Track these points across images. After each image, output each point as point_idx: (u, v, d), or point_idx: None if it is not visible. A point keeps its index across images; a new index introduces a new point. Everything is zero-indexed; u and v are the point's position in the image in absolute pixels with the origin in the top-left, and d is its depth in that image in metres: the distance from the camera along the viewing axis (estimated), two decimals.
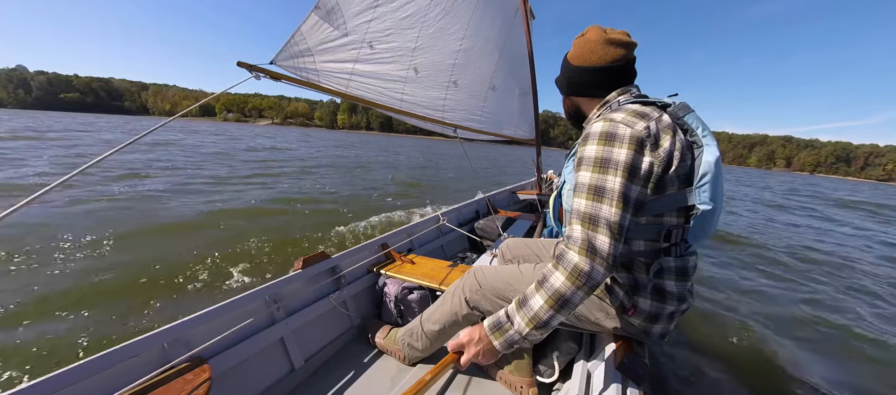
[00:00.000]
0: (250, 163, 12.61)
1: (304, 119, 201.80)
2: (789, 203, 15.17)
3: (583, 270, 0.80)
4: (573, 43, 1.09)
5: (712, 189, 0.87)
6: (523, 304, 0.88)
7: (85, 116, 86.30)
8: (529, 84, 3.97)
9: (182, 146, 16.66)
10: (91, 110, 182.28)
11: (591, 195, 0.84)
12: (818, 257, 5.73)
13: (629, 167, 0.83)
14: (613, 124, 0.87)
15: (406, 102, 2.48)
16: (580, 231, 0.84)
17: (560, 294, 0.82)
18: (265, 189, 7.60)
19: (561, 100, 1.21)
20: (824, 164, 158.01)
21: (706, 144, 0.88)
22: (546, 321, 0.84)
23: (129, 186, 6.76)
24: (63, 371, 0.96)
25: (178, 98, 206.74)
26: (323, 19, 1.77)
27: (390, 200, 7.40)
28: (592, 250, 0.81)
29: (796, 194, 21.61)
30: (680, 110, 0.92)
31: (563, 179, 1.13)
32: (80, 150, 12.80)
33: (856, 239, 7.85)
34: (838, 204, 16.94)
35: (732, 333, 2.89)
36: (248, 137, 32.59)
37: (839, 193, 27.63)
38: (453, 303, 1.34)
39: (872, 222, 11.41)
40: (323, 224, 5.01)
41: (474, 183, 10.85)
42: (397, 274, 1.94)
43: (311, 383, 1.50)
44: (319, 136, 59.38)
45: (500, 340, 0.89)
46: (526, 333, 0.86)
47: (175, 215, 5.06)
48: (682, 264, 0.97)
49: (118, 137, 20.68)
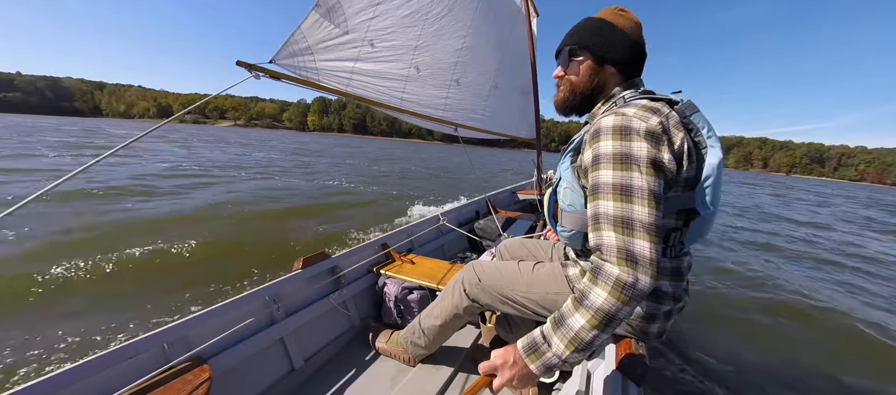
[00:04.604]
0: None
1: (272, 121, 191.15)
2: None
3: (627, 282, 0.72)
4: (604, 10, 1.01)
5: (714, 193, 0.85)
6: (560, 324, 0.78)
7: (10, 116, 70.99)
8: (531, 83, 3.95)
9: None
10: (35, 112, 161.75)
11: (619, 195, 0.77)
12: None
13: (652, 162, 0.77)
14: (626, 118, 0.80)
15: (407, 101, 2.47)
16: (614, 238, 0.75)
17: (604, 312, 0.73)
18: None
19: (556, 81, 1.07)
20: (799, 165, 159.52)
21: (710, 146, 0.84)
22: (589, 342, 0.74)
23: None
24: (63, 371, 0.96)
25: (135, 98, 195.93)
26: (323, 17, 1.76)
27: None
28: (632, 259, 0.73)
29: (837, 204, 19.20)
30: (687, 109, 0.87)
31: (558, 175, 1.07)
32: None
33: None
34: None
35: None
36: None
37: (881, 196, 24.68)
38: (454, 297, 1.34)
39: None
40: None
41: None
42: (397, 274, 1.94)
43: (311, 383, 1.50)
44: (263, 139, 44.54)
45: (537, 363, 0.79)
46: (566, 356, 0.76)
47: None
48: (676, 265, 0.97)
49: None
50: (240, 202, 6.44)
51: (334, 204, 7.06)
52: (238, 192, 7.56)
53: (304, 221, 5.58)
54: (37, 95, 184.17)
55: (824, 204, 18.59)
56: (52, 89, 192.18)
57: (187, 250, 3.86)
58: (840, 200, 23.55)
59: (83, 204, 5.57)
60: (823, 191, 29.45)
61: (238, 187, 8.11)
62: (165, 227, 4.70)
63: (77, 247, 3.76)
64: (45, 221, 4.52)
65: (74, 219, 4.74)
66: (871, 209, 17.54)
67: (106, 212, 5.23)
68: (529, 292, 1.16)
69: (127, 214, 5.27)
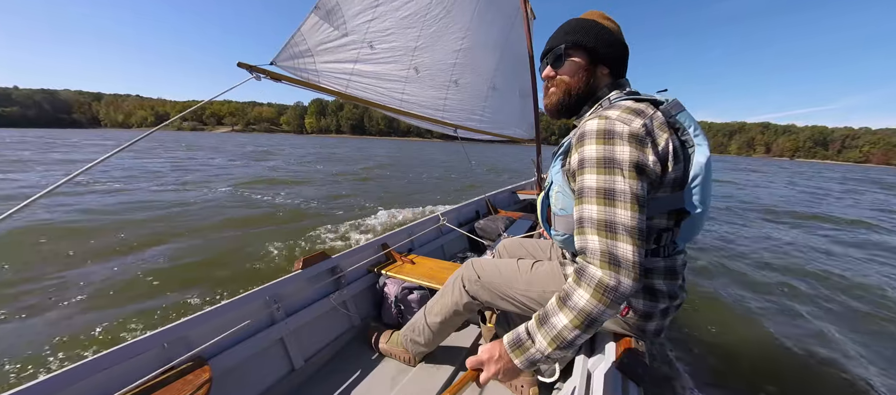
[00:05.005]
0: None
1: (270, 124, 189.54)
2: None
3: (609, 285, 0.74)
4: (589, 12, 1.04)
5: (702, 191, 0.85)
6: (545, 322, 0.81)
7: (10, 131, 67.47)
8: (529, 84, 3.96)
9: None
10: (33, 125, 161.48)
11: (602, 199, 0.78)
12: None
13: (635, 165, 0.78)
14: (609, 122, 0.81)
15: (406, 102, 2.48)
16: (597, 241, 0.77)
17: (587, 313, 0.75)
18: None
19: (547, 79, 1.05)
20: (803, 148, 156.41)
21: (698, 145, 0.85)
22: (571, 341, 0.78)
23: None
24: (63, 371, 0.96)
25: (133, 108, 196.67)
26: (323, 19, 1.77)
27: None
28: (615, 262, 0.75)
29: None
30: (672, 108, 0.87)
31: (550, 180, 1.07)
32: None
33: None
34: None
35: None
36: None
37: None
38: (453, 294, 1.35)
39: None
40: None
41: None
42: (397, 274, 1.94)
43: (312, 383, 1.50)
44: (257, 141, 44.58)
45: (521, 358, 0.83)
46: (548, 352, 0.79)
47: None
48: (670, 264, 0.97)
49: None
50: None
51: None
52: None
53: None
54: (35, 109, 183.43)
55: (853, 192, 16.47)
56: (50, 102, 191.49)
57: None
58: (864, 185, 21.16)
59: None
60: (834, 175, 27.69)
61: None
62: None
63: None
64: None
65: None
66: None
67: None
68: (528, 291, 1.17)
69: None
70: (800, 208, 10.43)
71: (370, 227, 5.58)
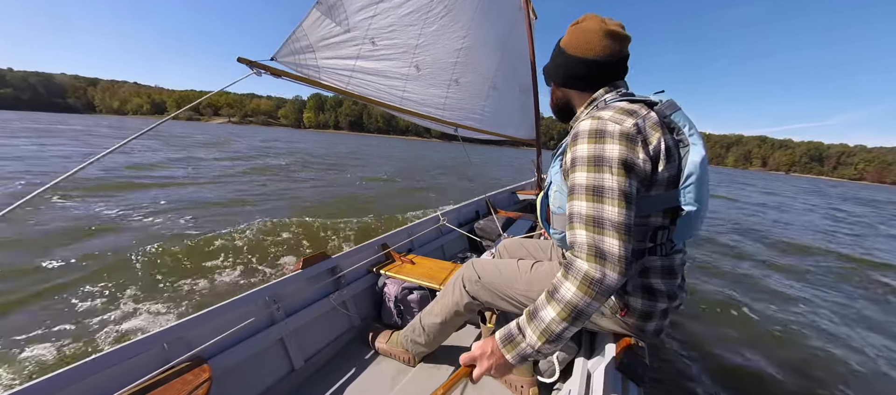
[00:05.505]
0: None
1: (267, 118, 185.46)
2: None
3: (594, 278, 0.76)
4: (568, 30, 1.04)
5: (697, 190, 0.87)
6: (534, 316, 0.83)
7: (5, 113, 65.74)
8: (530, 84, 3.95)
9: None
10: (27, 108, 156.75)
11: (591, 196, 0.81)
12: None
13: (624, 164, 0.81)
14: (602, 122, 0.85)
15: (407, 100, 2.46)
16: (584, 236, 0.80)
17: (573, 306, 0.77)
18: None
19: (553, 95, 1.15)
20: (798, 163, 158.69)
21: (692, 144, 0.87)
22: (559, 334, 0.79)
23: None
24: (63, 371, 0.95)
25: (129, 95, 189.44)
26: (325, 15, 1.75)
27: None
28: (601, 255, 0.77)
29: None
30: (667, 108, 0.90)
31: (549, 180, 1.11)
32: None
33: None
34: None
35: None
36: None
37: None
38: (454, 294, 1.35)
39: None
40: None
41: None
42: (397, 274, 1.93)
43: (311, 383, 1.49)
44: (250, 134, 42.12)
45: (513, 353, 0.85)
46: (538, 346, 0.81)
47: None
48: (668, 263, 0.98)
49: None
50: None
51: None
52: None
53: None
54: (29, 91, 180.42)
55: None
56: (45, 86, 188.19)
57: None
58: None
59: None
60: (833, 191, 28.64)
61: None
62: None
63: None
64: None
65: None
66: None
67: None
68: (528, 291, 1.17)
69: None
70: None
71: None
